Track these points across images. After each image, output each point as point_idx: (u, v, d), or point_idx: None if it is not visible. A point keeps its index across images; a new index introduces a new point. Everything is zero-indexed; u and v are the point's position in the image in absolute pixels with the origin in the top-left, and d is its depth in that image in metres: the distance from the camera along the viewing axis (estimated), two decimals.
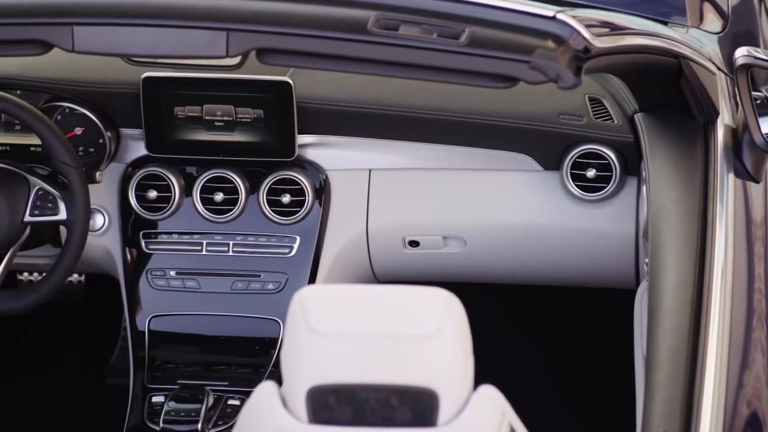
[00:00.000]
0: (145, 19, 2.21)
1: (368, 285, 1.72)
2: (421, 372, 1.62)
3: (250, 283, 2.72)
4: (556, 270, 2.81)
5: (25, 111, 2.54)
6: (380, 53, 2.07)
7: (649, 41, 2.33)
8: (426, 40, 2.05)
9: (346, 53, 2.10)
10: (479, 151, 2.73)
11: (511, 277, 2.88)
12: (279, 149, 2.70)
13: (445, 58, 2.05)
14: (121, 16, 2.21)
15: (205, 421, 2.54)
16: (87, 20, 2.19)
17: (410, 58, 2.07)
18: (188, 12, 2.20)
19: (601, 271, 2.78)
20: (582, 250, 2.75)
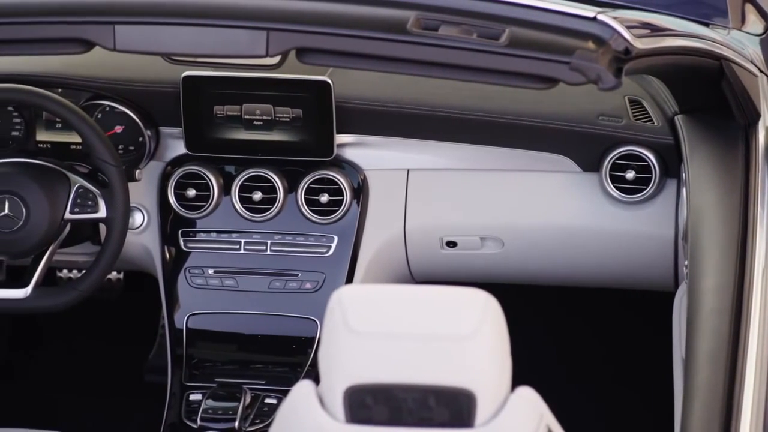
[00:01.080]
0: (185, 18, 2.22)
1: (406, 285, 1.71)
2: (458, 372, 1.62)
3: (288, 282, 2.73)
4: (594, 272, 2.80)
5: (67, 109, 2.55)
6: (420, 53, 2.07)
7: (690, 43, 2.32)
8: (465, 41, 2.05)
9: (386, 53, 2.10)
10: (518, 152, 2.73)
11: (548, 278, 2.87)
12: (317, 149, 2.71)
13: (484, 58, 2.05)
14: (162, 15, 2.22)
15: (242, 420, 2.55)
16: (128, 19, 2.21)
17: (450, 59, 2.06)
18: (229, 11, 2.21)
19: (639, 274, 2.77)
20: (620, 252, 2.74)
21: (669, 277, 2.73)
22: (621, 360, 3.36)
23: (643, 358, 3.27)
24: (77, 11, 2.25)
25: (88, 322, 3.41)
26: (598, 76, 2.01)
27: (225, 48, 2.19)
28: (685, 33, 2.36)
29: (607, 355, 3.38)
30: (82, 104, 2.71)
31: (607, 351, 3.38)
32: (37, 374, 3.41)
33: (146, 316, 3.32)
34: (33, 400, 3.34)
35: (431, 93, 2.73)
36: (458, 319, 1.64)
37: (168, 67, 2.69)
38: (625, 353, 3.36)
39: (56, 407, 3.30)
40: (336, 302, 1.67)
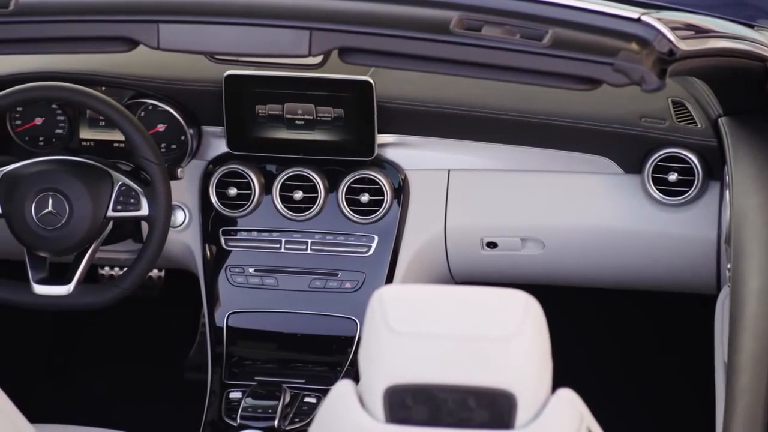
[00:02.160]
0: (229, 17, 2.23)
1: (447, 285, 1.71)
2: (499, 374, 1.62)
3: (328, 282, 2.73)
4: (635, 274, 2.79)
5: (110, 107, 2.57)
6: (462, 54, 2.07)
7: (735, 44, 2.31)
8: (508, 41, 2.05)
9: (429, 53, 2.10)
10: (559, 153, 2.72)
11: (589, 280, 2.86)
12: (359, 148, 2.71)
13: (527, 59, 2.04)
14: (206, 14, 2.23)
15: (281, 418, 2.55)
16: (172, 18, 2.22)
17: (492, 59, 2.06)
18: (272, 11, 2.21)
19: (681, 276, 2.75)
20: (662, 255, 2.72)
21: (711, 280, 2.72)
22: (661, 363, 3.35)
23: (684, 361, 3.25)
24: (122, 10, 2.26)
25: (128, 319, 3.42)
26: (641, 77, 2.00)
27: (268, 47, 2.20)
28: (730, 35, 2.35)
29: (647, 357, 3.36)
30: (125, 102, 2.73)
31: (646, 353, 3.36)
32: (76, 371, 3.43)
33: (186, 314, 3.33)
34: (72, 398, 3.36)
35: (473, 93, 2.72)
36: (499, 320, 1.63)
37: (211, 66, 2.70)
38: (665, 356, 3.35)
39: (96, 404, 3.32)
40: (376, 302, 1.67)
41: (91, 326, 3.47)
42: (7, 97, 2.55)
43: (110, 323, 3.44)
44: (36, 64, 2.74)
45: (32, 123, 2.78)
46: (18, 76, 2.70)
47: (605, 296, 3.09)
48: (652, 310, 3.31)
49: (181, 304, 3.33)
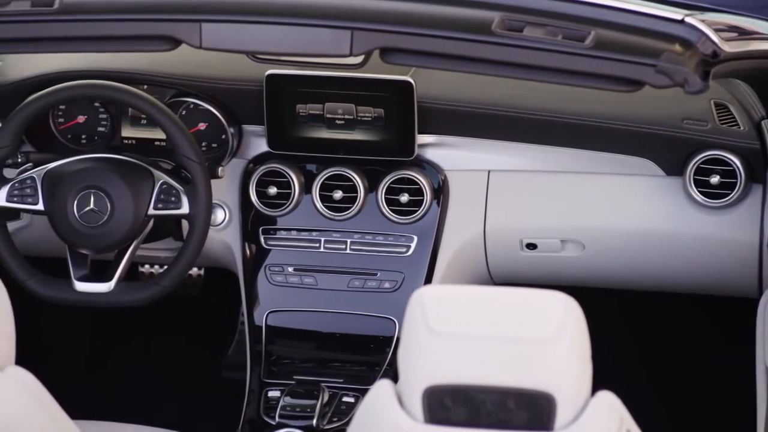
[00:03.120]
0: (271, 17, 2.24)
1: (486, 286, 1.71)
2: (538, 375, 1.61)
3: (367, 282, 2.73)
4: (676, 277, 2.78)
5: (152, 106, 2.57)
6: (504, 54, 2.07)
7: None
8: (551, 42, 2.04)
9: (470, 54, 2.09)
10: (600, 155, 2.71)
11: (629, 282, 2.85)
12: (398, 149, 2.71)
13: (569, 60, 2.04)
14: (248, 14, 2.24)
15: (320, 417, 2.55)
16: (215, 17, 2.23)
17: (534, 60, 2.06)
18: (314, 11, 2.22)
19: (722, 280, 2.73)
20: (703, 258, 2.71)
21: (753, 284, 2.70)
22: (700, 366, 3.33)
23: (723, 364, 3.23)
24: (165, 9, 2.27)
25: (168, 317, 3.44)
26: (684, 79, 1.99)
27: (309, 47, 2.21)
28: None
29: (686, 361, 3.34)
30: (166, 101, 2.74)
31: (686, 357, 3.35)
32: (116, 368, 3.45)
33: (226, 313, 3.34)
34: (112, 395, 3.37)
35: (513, 94, 2.72)
36: (539, 322, 1.63)
37: (252, 65, 2.71)
38: (705, 359, 3.33)
39: (135, 402, 3.33)
40: (416, 302, 1.67)
41: (130, 323, 3.48)
42: (50, 95, 2.57)
43: (150, 321, 3.45)
44: (79, 63, 2.76)
45: (75, 121, 2.80)
46: (61, 74, 2.72)
47: (645, 298, 3.07)
48: (690, 313, 3.30)
49: (220, 302, 3.34)
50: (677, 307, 3.28)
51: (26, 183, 2.60)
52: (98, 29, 2.33)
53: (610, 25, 2.07)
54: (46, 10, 2.33)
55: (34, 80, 2.75)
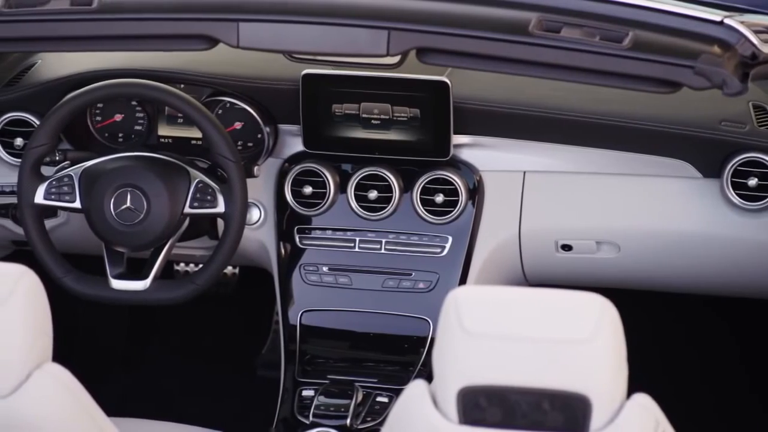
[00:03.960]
0: (308, 16, 2.24)
1: (522, 287, 1.71)
2: (574, 377, 1.61)
3: (401, 282, 2.73)
4: (712, 279, 2.76)
5: (189, 105, 2.58)
6: (541, 55, 2.06)
7: None
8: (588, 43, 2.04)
9: (507, 54, 2.09)
10: (637, 156, 2.69)
11: (665, 284, 2.83)
12: (434, 149, 2.71)
13: (607, 61, 2.03)
14: (286, 14, 2.25)
15: (353, 417, 2.56)
16: (252, 17, 2.23)
17: (572, 61, 2.05)
18: (351, 10, 2.22)
19: (759, 283, 2.72)
20: (740, 261, 2.69)
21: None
22: (736, 369, 3.31)
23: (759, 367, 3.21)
24: (203, 8, 2.28)
25: (203, 315, 3.45)
26: (723, 81, 1.98)
27: (346, 47, 2.21)
28: None
29: (722, 363, 3.32)
30: (203, 100, 2.74)
31: (721, 359, 3.33)
32: (152, 366, 3.46)
33: (260, 312, 3.35)
34: (147, 392, 3.39)
35: (550, 95, 2.71)
36: (575, 324, 1.62)
37: (288, 65, 2.71)
38: (741, 362, 3.31)
39: (170, 399, 3.35)
40: (451, 303, 1.67)
41: (166, 321, 3.50)
42: (88, 93, 2.58)
43: (185, 319, 3.47)
44: (117, 62, 2.77)
45: (112, 119, 2.81)
46: (99, 73, 2.73)
47: (681, 301, 3.06)
48: (729, 316, 3.28)
49: (254, 301, 3.35)
50: (714, 309, 3.26)
51: (64, 181, 2.61)
52: (136, 28, 2.34)
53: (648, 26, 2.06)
54: (85, 9, 2.34)
55: (72, 79, 2.76)
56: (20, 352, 1.65)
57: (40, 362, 1.69)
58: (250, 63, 2.78)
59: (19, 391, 1.65)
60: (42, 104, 2.75)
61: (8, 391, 1.65)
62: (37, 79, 2.83)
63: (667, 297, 2.96)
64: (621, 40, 2.02)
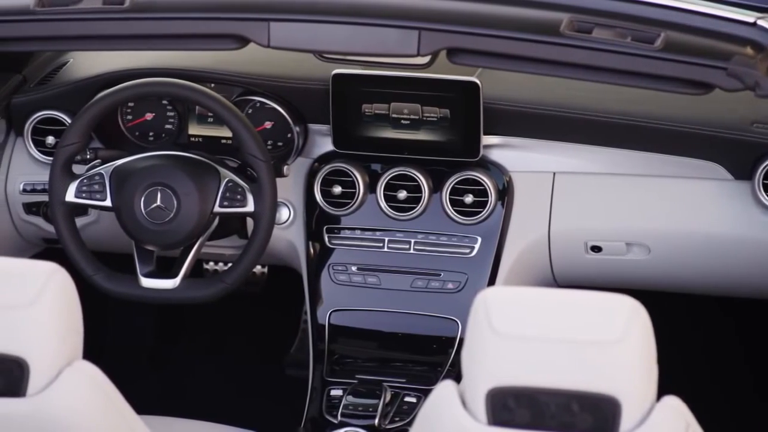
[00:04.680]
0: (339, 16, 2.25)
1: (551, 289, 1.70)
2: (603, 379, 1.61)
3: (430, 282, 2.73)
4: (743, 282, 2.75)
5: (219, 104, 2.59)
6: (573, 56, 2.06)
7: None
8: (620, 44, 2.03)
9: (538, 55, 2.09)
10: (667, 158, 2.68)
11: (696, 287, 2.82)
12: (463, 149, 2.70)
13: (638, 62, 2.03)
14: (316, 13, 2.25)
15: (382, 417, 2.56)
16: (283, 16, 2.24)
17: (603, 62, 2.05)
18: (381, 10, 2.23)
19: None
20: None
21: None
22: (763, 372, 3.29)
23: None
24: (234, 8, 2.29)
25: (231, 314, 3.46)
26: (755, 82, 1.97)
27: (377, 47, 2.21)
28: None
29: (754, 366, 3.31)
30: (233, 99, 2.75)
31: (753, 362, 3.31)
32: (180, 365, 3.47)
33: (288, 311, 3.35)
34: (175, 390, 3.40)
35: (580, 95, 2.70)
36: (605, 325, 1.62)
37: (318, 65, 2.71)
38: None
39: (198, 398, 3.36)
40: (481, 303, 1.66)
41: (194, 320, 3.51)
42: (119, 92, 2.59)
43: (214, 318, 3.47)
44: (147, 61, 2.78)
45: (143, 118, 2.83)
46: (130, 72, 2.74)
47: (712, 302, 3.05)
48: (759, 317, 3.26)
49: (283, 300, 3.35)
50: (744, 311, 3.25)
51: (94, 179, 2.63)
52: (168, 27, 2.35)
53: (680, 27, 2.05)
54: (117, 8, 2.35)
55: (104, 78, 2.78)
56: (51, 350, 1.66)
57: (71, 360, 1.70)
58: (280, 62, 2.78)
59: (49, 389, 1.66)
60: (73, 103, 2.76)
61: (39, 389, 1.66)
62: (69, 78, 2.85)
63: (697, 299, 2.95)
64: (653, 42, 2.02)
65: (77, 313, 1.72)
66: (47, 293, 1.66)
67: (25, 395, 1.65)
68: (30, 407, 1.65)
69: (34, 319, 1.65)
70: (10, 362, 1.64)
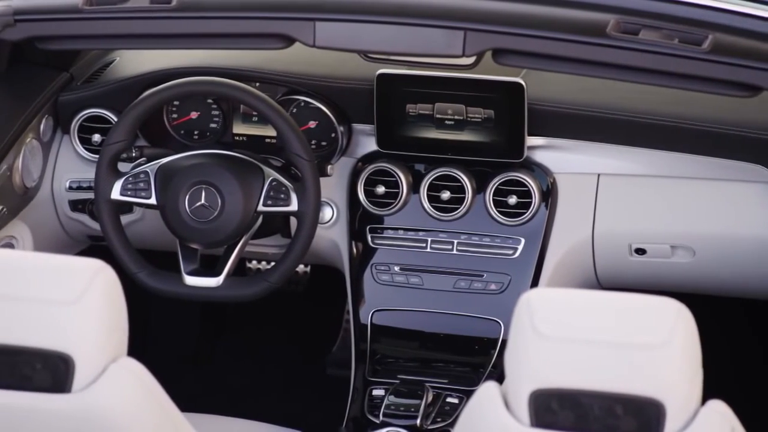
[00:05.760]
0: (384, 16, 2.25)
1: (596, 291, 1.69)
2: (648, 382, 1.60)
3: (473, 283, 2.73)
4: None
5: (264, 103, 2.59)
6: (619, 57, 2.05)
7: None
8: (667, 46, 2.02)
9: (584, 56, 2.08)
10: (713, 161, 2.67)
11: (741, 290, 2.80)
12: (507, 150, 2.70)
13: (686, 64, 2.02)
14: (362, 13, 2.25)
15: (424, 417, 2.55)
16: (329, 16, 2.25)
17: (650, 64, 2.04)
18: (427, 11, 2.22)
19: None
20: None
21: None
22: None
23: None
24: (280, 7, 2.30)
25: (274, 313, 3.47)
26: None
27: (422, 47, 2.21)
28: None
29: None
30: (278, 99, 2.76)
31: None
32: (222, 363, 3.48)
33: (330, 310, 3.36)
34: (217, 388, 3.41)
35: (624, 97, 2.69)
36: (650, 328, 1.61)
37: (362, 64, 2.72)
38: None
39: (240, 396, 3.37)
40: (524, 305, 1.66)
41: (237, 319, 3.52)
42: (165, 91, 2.60)
43: (256, 316, 3.48)
44: (193, 60, 2.79)
45: (188, 117, 2.84)
46: (175, 70, 2.76)
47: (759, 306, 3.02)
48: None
49: (325, 299, 3.36)
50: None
51: (140, 177, 2.64)
52: (214, 26, 2.36)
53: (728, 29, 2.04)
54: (164, 7, 2.37)
55: (149, 76, 2.79)
56: (96, 346, 1.67)
57: (116, 356, 1.71)
58: (324, 62, 2.79)
59: (95, 385, 1.67)
60: (120, 101, 2.78)
61: (84, 385, 1.67)
62: (115, 77, 2.86)
63: (742, 302, 2.93)
64: (700, 43, 2.00)
65: (122, 310, 1.73)
66: (93, 290, 1.67)
67: (70, 391, 1.66)
68: (75, 403, 1.66)
69: (80, 315, 1.66)
70: (56, 358, 1.65)
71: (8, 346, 1.65)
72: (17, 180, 2.73)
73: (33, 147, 2.77)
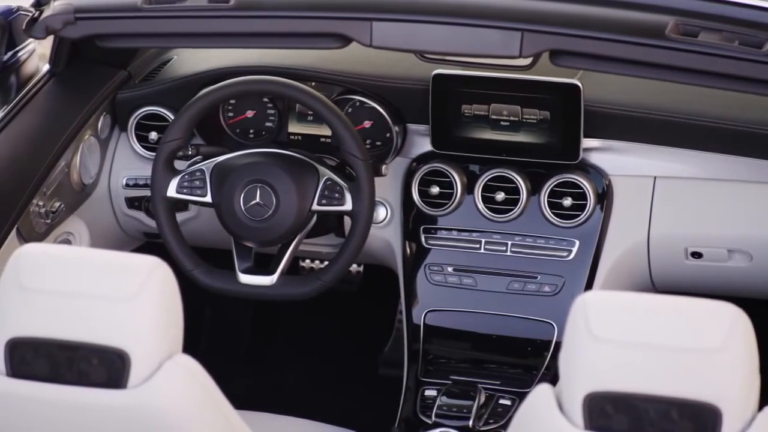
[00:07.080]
0: (441, 17, 2.25)
1: (651, 294, 1.68)
2: (704, 387, 1.58)
3: (527, 284, 2.72)
4: None
5: (319, 102, 2.60)
6: (677, 60, 2.04)
7: None
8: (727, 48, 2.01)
9: (643, 58, 2.07)
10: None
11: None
12: (563, 152, 2.69)
13: (746, 66, 2.00)
14: (418, 13, 2.25)
15: (476, 418, 2.55)
16: (386, 16, 2.25)
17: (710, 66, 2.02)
18: (484, 11, 2.22)
19: None
20: None
21: None
22: None
23: None
24: (337, 7, 2.30)
25: (327, 312, 3.47)
26: None
27: (478, 47, 2.21)
28: None
29: None
30: (333, 98, 2.76)
31: None
32: (275, 361, 3.50)
33: (383, 310, 3.36)
34: (270, 386, 3.42)
35: (682, 99, 2.67)
36: (707, 332, 1.60)
37: (418, 64, 2.71)
38: None
39: (293, 394, 3.38)
40: (580, 307, 1.65)
41: (290, 317, 3.53)
42: (221, 89, 2.61)
43: (309, 315, 3.49)
44: (250, 59, 2.80)
45: (243, 115, 2.85)
46: (232, 69, 2.77)
47: None
48: None
49: (378, 299, 3.36)
50: None
51: (195, 175, 2.65)
52: (272, 26, 2.37)
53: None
54: (222, 6, 2.38)
55: (206, 75, 2.81)
56: (152, 343, 1.68)
57: (171, 353, 1.72)
58: (380, 62, 2.79)
59: (150, 381, 1.68)
60: (176, 99, 2.80)
61: (140, 381, 1.68)
62: (173, 75, 2.88)
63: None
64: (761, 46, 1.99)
65: (178, 307, 1.74)
66: (150, 287, 1.68)
67: (126, 387, 1.67)
68: (130, 399, 1.68)
69: (137, 312, 1.67)
70: (113, 354, 1.66)
71: (66, 341, 1.66)
72: (75, 177, 2.76)
73: (91, 144, 2.80)
